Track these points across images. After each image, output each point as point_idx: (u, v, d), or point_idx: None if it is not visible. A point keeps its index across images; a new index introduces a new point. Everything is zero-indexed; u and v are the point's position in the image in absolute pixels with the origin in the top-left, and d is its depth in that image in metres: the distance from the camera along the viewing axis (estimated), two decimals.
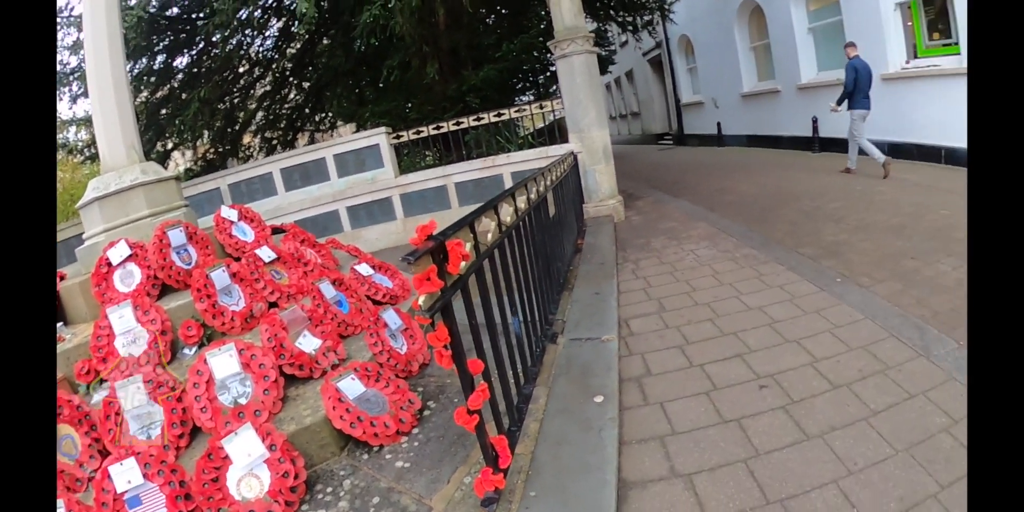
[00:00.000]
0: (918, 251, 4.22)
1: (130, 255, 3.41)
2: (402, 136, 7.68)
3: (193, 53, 10.12)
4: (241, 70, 11.21)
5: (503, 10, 11.31)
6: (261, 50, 11.26)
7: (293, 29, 10.54)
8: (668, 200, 8.09)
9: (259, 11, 9.71)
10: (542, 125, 7.86)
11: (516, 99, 11.11)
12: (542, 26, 8.99)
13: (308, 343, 2.90)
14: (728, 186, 8.37)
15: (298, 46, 11.37)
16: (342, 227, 7.87)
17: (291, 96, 12.59)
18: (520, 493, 1.97)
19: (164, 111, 10.41)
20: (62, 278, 3.82)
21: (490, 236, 2.23)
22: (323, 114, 12.98)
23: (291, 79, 12.01)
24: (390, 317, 3.26)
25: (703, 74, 14.95)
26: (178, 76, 10.37)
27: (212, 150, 11.50)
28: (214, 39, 9.27)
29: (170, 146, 11.11)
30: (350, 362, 2.86)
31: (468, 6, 7.61)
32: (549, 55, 8.10)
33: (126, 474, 2.19)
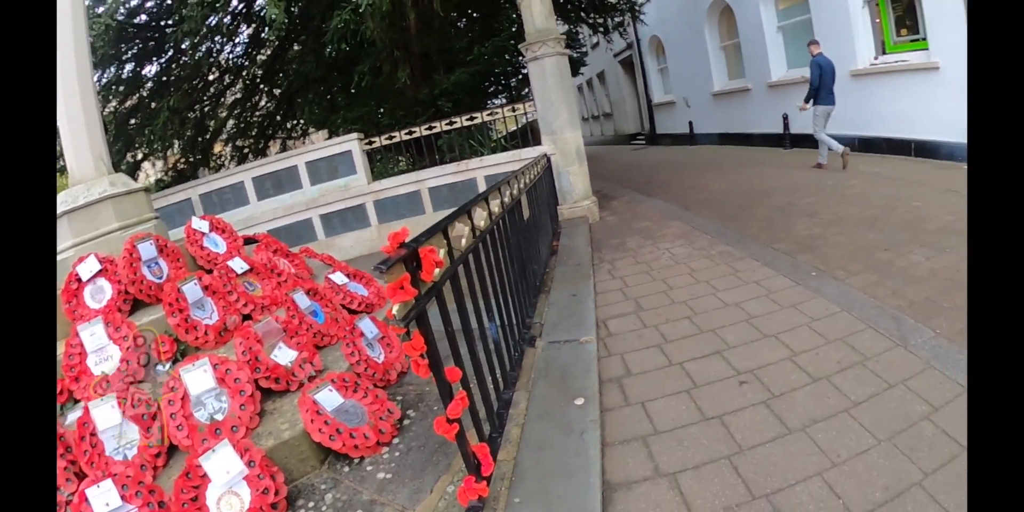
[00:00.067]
0: (891, 243, 4.28)
1: (100, 270, 3.33)
2: (374, 142, 7.62)
3: (162, 61, 9.93)
4: (211, 78, 11.04)
5: (474, 14, 11.30)
6: (231, 57, 11.09)
7: (263, 35, 10.42)
8: (642, 200, 8.13)
9: (229, 17, 9.60)
10: (515, 128, 7.84)
11: (488, 102, 11.07)
12: (513, 29, 8.97)
13: (284, 355, 2.85)
14: (701, 184, 8.44)
15: (268, 53, 11.22)
16: (316, 235, 7.76)
17: (262, 103, 12.42)
18: (504, 500, 1.95)
19: (133, 121, 10.20)
20: None
21: (464, 241, 2.21)
22: (295, 121, 12.83)
23: (262, 86, 11.86)
24: (366, 326, 3.21)
25: (674, 74, 15.08)
26: (147, 85, 10.16)
27: (183, 160, 11.29)
28: (183, 46, 9.10)
29: (140, 157, 10.87)
30: (327, 373, 2.81)
31: (439, 10, 7.58)
32: (521, 58, 8.09)
33: (104, 497, 2.12)
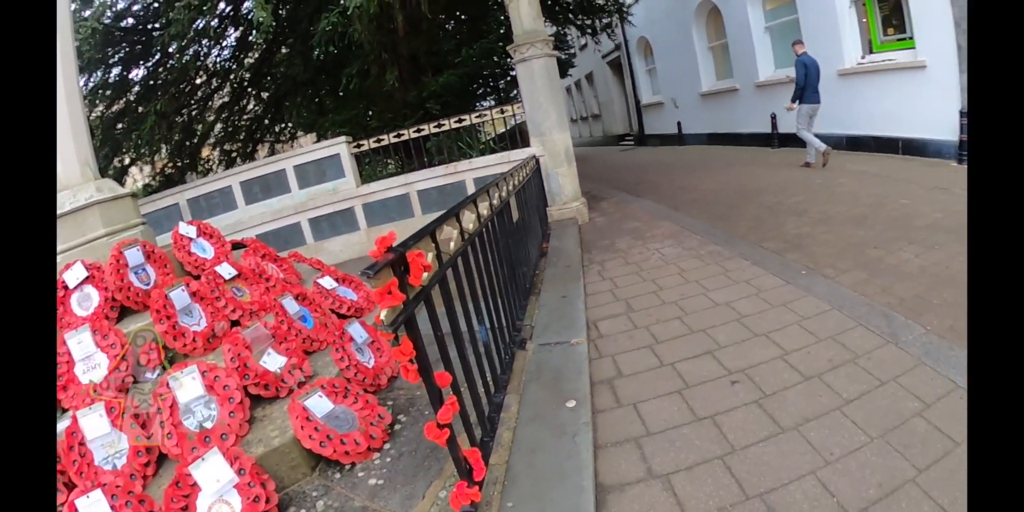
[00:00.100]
0: (880, 240, 4.30)
1: (87, 277, 3.29)
2: (363, 145, 7.58)
3: (149, 65, 9.88)
4: (198, 81, 10.99)
5: (462, 16, 11.31)
6: (219, 61, 11.05)
7: (251, 38, 10.38)
8: (631, 200, 8.14)
9: (216, 21, 9.55)
10: (503, 130, 7.83)
11: (477, 104, 11.10)
12: (501, 31, 8.98)
13: (273, 361, 2.82)
14: (690, 184, 8.46)
15: (256, 56, 11.19)
16: (304, 239, 7.72)
17: (250, 107, 12.37)
18: (497, 505, 1.93)
19: (120, 125, 10.13)
20: None
21: (452, 245, 2.19)
22: (283, 124, 12.79)
23: (249, 90, 11.81)
24: (356, 331, 3.19)
25: (662, 75, 15.14)
26: (134, 89, 10.10)
27: (170, 164, 11.23)
28: (170, 50, 9.05)
29: (127, 161, 10.79)
30: (317, 379, 2.78)
31: (427, 12, 7.58)
32: (509, 60, 8.09)
33: (93, 507, 2.09)
